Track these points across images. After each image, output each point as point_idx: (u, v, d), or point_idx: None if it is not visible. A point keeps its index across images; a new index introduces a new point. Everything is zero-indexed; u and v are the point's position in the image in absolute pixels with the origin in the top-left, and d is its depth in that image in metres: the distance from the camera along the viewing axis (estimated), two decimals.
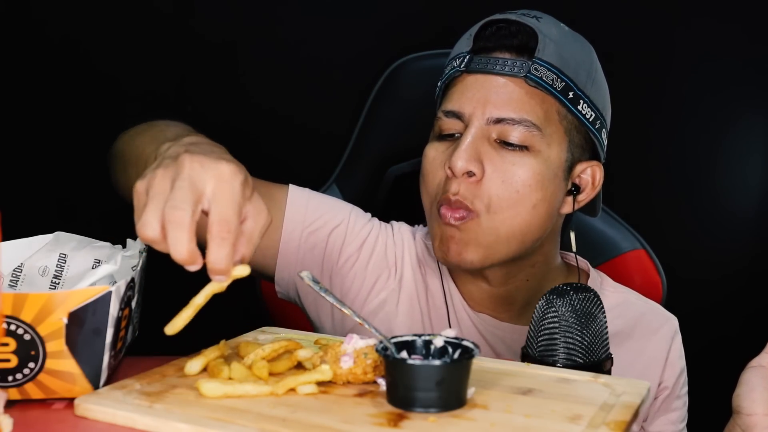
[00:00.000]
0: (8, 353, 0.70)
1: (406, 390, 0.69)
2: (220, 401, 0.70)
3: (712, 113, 1.63)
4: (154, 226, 0.69)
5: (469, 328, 1.11)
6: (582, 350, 0.83)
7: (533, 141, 1.01)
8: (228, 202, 0.71)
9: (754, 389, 0.84)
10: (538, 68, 1.01)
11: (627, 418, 0.67)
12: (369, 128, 1.56)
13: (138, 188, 0.73)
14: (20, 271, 0.90)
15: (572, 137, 1.05)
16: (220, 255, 0.70)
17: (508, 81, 1.02)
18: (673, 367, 1.13)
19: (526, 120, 1.00)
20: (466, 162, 0.99)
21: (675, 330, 1.15)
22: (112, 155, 1.08)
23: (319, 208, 1.12)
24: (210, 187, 0.71)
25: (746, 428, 0.84)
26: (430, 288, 1.14)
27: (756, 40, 1.61)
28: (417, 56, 1.53)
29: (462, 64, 1.04)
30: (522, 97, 1.01)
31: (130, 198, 0.84)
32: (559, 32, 1.04)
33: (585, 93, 1.04)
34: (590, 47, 1.08)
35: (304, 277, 0.80)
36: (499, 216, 1.01)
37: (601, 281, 1.17)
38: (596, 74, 1.06)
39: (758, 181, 1.65)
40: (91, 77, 1.66)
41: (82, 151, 1.65)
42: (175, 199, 0.69)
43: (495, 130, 1.01)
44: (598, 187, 1.09)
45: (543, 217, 1.03)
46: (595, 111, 1.05)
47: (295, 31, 1.66)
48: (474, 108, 1.02)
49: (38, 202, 1.61)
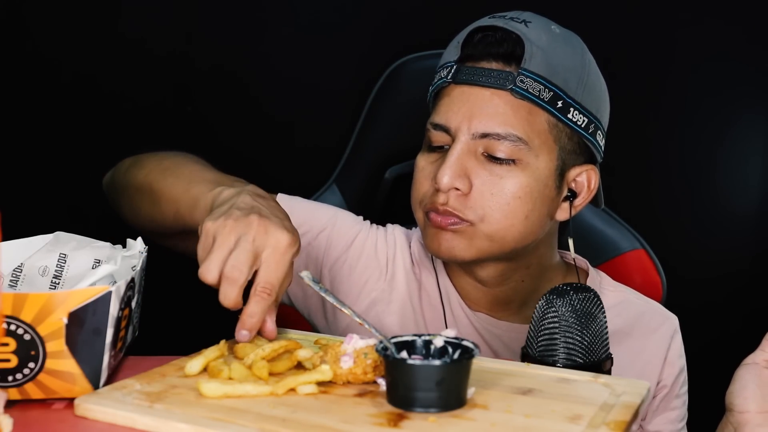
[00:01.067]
0: (8, 353, 0.70)
1: (406, 390, 0.69)
2: (220, 401, 0.70)
3: (712, 113, 1.63)
4: (214, 274, 0.80)
5: (467, 326, 1.12)
6: (582, 350, 0.83)
7: (520, 155, 1.00)
8: (277, 270, 0.82)
9: (746, 386, 0.85)
10: (524, 80, 0.99)
11: (627, 418, 0.67)
12: (369, 128, 1.56)
13: (208, 229, 0.83)
14: (20, 271, 0.90)
15: (563, 145, 1.04)
16: (257, 309, 0.82)
17: (493, 94, 1.01)
18: (672, 366, 1.13)
19: (512, 135, 1.00)
20: (451, 178, 1.00)
21: (675, 329, 1.15)
22: (125, 183, 1.11)
23: (303, 214, 1.13)
24: (267, 252, 0.82)
25: (738, 425, 0.85)
26: (427, 287, 1.14)
27: (755, 41, 1.61)
28: (417, 56, 1.53)
29: (449, 75, 1.04)
30: (507, 111, 1.00)
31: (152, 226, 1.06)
32: (548, 37, 1.02)
33: (575, 100, 1.02)
34: (582, 48, 1.06)
35: (304, 277, 0.80)
36: (494, 226, 1.01)
37: (601, 280, 1.17)
38: (588, 77, 1.04)
39: (758, 180, 1.65)
40: (90, 77, 1.65)
41: (82, 151, 1.65)
42: (237, 260, 0.80)
43: (481, 144, 1.01)
44: (593, 190, 1.08)
45: (535, 225, 1.04)
46: (587, 116, 1.04)
47: (295, 31, 1.66)
48: (460, 122, 1.01)
49: (38, 202, 1.61)
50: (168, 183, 1.01)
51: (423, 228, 1.07)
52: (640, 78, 1.63)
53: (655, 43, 1.62)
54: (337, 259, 1.14)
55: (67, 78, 1.66)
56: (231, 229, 0.82)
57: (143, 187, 1.06)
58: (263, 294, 0.81)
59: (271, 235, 0.82)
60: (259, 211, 0.84)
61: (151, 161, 1.09)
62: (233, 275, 0.80)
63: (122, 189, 1.12)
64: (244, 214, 0.83)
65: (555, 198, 1.05)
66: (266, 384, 0.73)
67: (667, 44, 1.62)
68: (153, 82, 1.67)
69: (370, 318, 1.11)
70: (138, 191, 1.07)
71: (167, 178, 1.02)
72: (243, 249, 0.81)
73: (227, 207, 0.86)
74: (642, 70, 1.63)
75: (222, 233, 0.82)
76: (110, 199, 1.17)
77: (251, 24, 1.66)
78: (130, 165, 1.12)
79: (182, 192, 0.98)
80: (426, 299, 1.13)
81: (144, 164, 1.09)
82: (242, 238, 0.81)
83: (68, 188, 1.66)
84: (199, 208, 0.93)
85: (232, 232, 0.82)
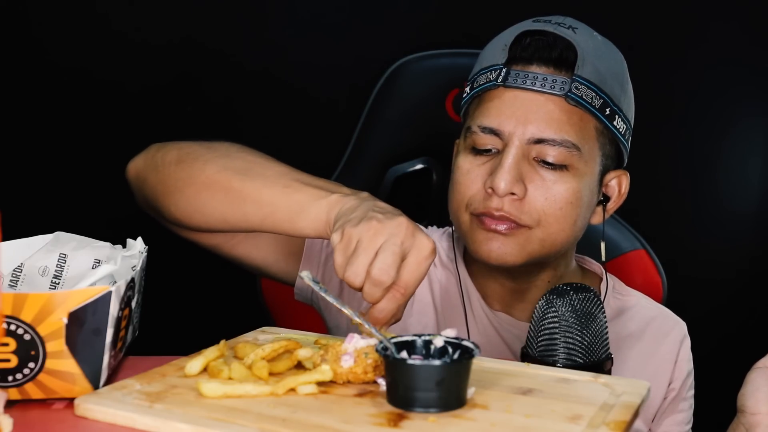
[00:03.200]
0: (8, 353, 0.70)
1: (406, 390, 0.68)
2: (220, 401, 0.70)
3: (712, 114, 1.63)
4: (361, 277, 0.80)
5: (487, 327, 1.11)
6: (582, 350, 0.83)
7: (572, 160, 1.01)
8: (417, 274, 0.82)
9: (759, 389, 0.87)
10: (578, 86, 1.00)
11: (627, 418, 0.67)
12: (369, 129, 1.56)
13: (350, 233, 0.82)
14: (20, 271, 0.90)
15: (605, 151, 1.05)
16: (390, 306, 0.81)
17: (548, 99, 1.00)
18: (681, 369, 1.14)
19: (566, 140, 1.00)
20: (509, 183, 0.99)
21: (684, 334, 1.16)
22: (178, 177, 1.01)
23: None
24: (412, 257, 0.81)
25: (750, 427, 0.86)
26: (448, 287, 1.14)
27: (756, 42, 1.61)
28: (417, 56, 1.53)
29: (499, 78, 1.02)
30: (562, 117, 1.00)
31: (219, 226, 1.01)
32: (594, 44, 1.02)
33: (619, 107, 1.04)
34: (621, 56, 1.07)
35: (304, 277, 0.80)
36: (548, 230, 1.02)
37: (614, 285, 1.18)
38: (627, 85, 1.06)
39: (758, 180, 1.65)
40: (90, 77, 1.65)
41: (83, 151, 1.65)
42: (384, 263, 0.79)
43: (535, 149, 1.01)
44: (624, 194, 1.10)
45: (581, 230, 1.06)
46: (626, 123, 1.06)
47: (295, 31, 1.66)
48: (514, 127, 1.00)
49: (38, 202, 1.61)
50: (256, 185, 0.96)
51: (469, 231, 1.05)
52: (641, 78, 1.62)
53: (655, 44, 1.62)
54: None
55: (67, 78, 1.66)
56: (376, 232, 0.81)
57: (216, 185, 0.98)
58: (397, 294, 0.81)
59: (418, 239, 0.82)
60: (402, 215, 0.84)
61: (215, 155, 1.01)
62: (381, 278, 0.79)
63: (172, 181, 1.02)
64: (387, 217, 0.82)
65: (595, 201, 1.07)
66: (266, 384, 0.73)
67: (667, 46, 1.62)
68: (154, 82, 1.67)
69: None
70: (207, 188, 0.99)
71: (254, 180, 0.97)
72: (391, 252, 0.80)
73: (362, 212, 0.84)
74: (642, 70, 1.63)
75: (367, 236, 0.80)
76: (137, 187, 1.08)
77: (251, 24, 1.66)
78: (180, 157, 1.03)
79: (279, 196, 0.94)
80: (447, 299, 1.13)
81: (206, 158, 1.01)
82: (389, 240, 0.80)
83: (68, 188, 1.66)
84: (306, 215, 0.91)
85: (379, 235, 0.81)
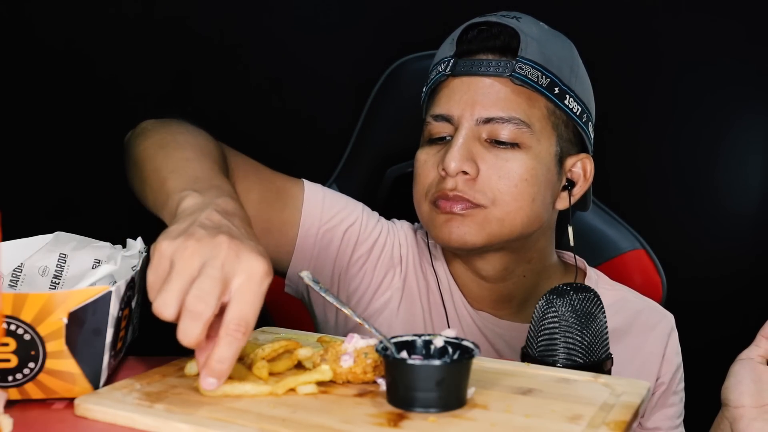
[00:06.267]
0: (8, 353, 0.70)
1: (406, 390, 0.69)
2: (220, 401, 0.70)
3: (712, 112, 1.63)
4: (172, 309, 0.66)
5: (470, 326, 1.12)
6: (582, 350, 0.83)
7: (523, 138, 1.03)
8: (252, 303, 0.67)
9: (741, 381, 0.87)
10: (522, 66, 1.02)
11: (627, 418, 0.67)
12: (369, 128, 1.56)
13: (163, 250, 0.68)
14: (20, 271, 0.90)
15: (560, 132, 1.06)
16: (228, 354, 0.66)
17: (494, 81, 1.03)
18: (669, 363, 1.15)
19: (514, 118, 1.02)
20: (460, 162, 1.01)
21: (671, 327, 1.16)
22: (129, 152, 0.99)
23: (335, 206, 1.12)
24: (239, 281, 0.67)
25: (734, 420, 0.87)
26: (431, 286, 1.14)
27: (755, 40, 1.61)
28: (417, 56, 1.53)
29: (447, 68, 1.06)
30: (509, 96, 1.03)
31: (141, 200, 0.92)
32: (539, 30, 1.06)
33: (570, 87, 1.06)
34: (570, 44, 1.10)
35: (304, 277, 0.80)
36: (506, 209, 1.02)
37: (598, 279, 1.18)
38: (579, 69, 1.08)
39: (758, 180, 1.65)
40: (90, 77, 1.65)
41: (83, 151, 1.65)
42: (202, 290, 0.65)
43: (485, 129, 1.03)
44: (590, 179, 1.11)
45: (541, 209, 1.06)
46: (581, 104, 1.07)
47: (296, 30, 1.66)
48: (463, 110, 1.04)
49: (38, 202, 1.61)
50: (155, 165, 0.88)
51: (430, 220, 1.06)
52: (641, 78, 1.63)
53: (656, 42, 1.62)
54: (361, 256, 1.13)
55: (67, 77, 1.66)
56: (193, 252, 0.67)
57: (137, 161, 0.94)
58: (236, 333, 0.66)
59: (244, 260, 0.68)
60: (229, 231, 0.70)
61: (157, 132, 0.97)
62: (197, 308, 0.65)
63: (126, 156, 1.01)
64: (209, 234, 0.69)
65: (556, 184, 1.08)
66: (266, 384, 0.73)
67: (668, 43, 1.62)
68: (154, 82, 1.67)
69: (383, 316, 1.12)
70: (134, 164, 0.96)
71: (158, 158, 0.89)
72: (209, 276, 0.66)
73: (187, 224, 0.71)
74: (642, 69, 1.63)
75: (182, 257, 0.67)
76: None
77: (252, 23, 1.66)
78: (141, 131, 1.00)
79: (160, 182, 0.85)
80: (432, 298, 1.14)
81: (149, 134, 0.97)
82: (208, 263, 0.67)
83: (68, 188, 1.66)
84: (167, 208, 0.80)
85: (195, 256, 0.67)
